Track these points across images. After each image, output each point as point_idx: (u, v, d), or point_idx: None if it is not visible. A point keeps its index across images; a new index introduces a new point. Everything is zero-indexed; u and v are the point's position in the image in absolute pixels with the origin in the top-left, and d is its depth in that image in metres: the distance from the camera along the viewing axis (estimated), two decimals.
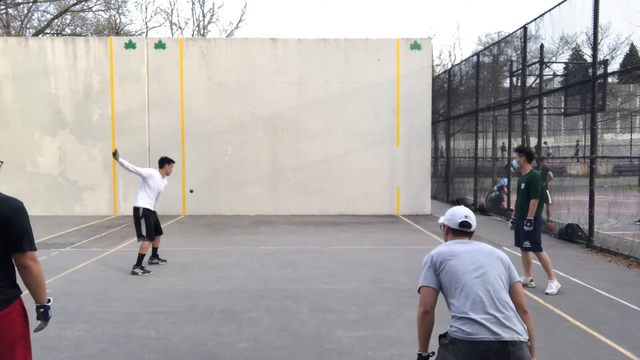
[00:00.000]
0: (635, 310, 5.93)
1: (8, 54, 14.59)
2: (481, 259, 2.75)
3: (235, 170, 14.71)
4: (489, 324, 2.55)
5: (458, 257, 2.76)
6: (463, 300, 2.64)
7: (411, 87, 14.77)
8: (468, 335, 2.55)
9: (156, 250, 8.28)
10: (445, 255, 2.79)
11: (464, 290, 2.66)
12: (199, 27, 31.66)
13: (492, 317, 2.57)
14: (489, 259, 2.77)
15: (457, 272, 2.71)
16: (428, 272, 2.80)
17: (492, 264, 2.74)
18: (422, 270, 2.84)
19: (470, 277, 2.67)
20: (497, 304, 2.62)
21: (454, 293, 2.70)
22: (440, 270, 2.76)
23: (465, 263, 2.72)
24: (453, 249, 2.83)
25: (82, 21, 29.00)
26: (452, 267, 2.73)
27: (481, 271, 2.69)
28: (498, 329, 2.54)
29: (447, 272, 2.73)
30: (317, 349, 4.76)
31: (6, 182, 14.72)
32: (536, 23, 12.22)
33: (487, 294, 2.64)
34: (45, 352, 4.68)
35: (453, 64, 31.47)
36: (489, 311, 2.59)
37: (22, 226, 2.70)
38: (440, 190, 19.50)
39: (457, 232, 2.99)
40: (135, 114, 14.66)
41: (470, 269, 2.70)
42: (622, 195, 12.21)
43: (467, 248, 2.83)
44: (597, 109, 9.62)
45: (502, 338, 2.52)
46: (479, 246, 2.86)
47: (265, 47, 14.80)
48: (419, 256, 9.04)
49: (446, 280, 2.73)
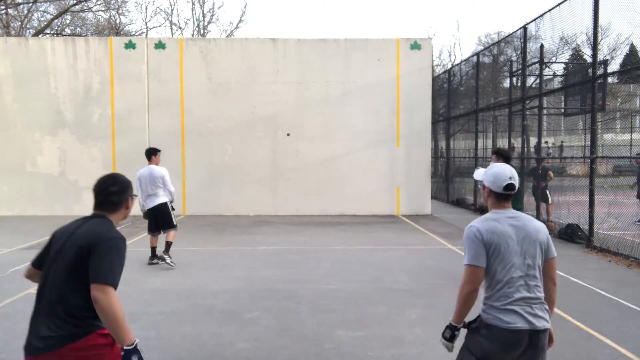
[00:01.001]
0: (635, 310, 5.93)
1: (8, 54, 14.59)
2: (528, 249, 2.69)
3: (235, 170, 14.71)
4: (525, 313, 2.62)
5: (508, 245, 2.67)
6: (505, 289, 2.65)
7: (411, 87, 14.76)
8: (507, 324, 2.61)
9: (155, 249, 8.27)
10: (495, 236, 2.67)
11: (507, 280, 2.66)
12: (199, 27, 31.68)
13: (528, 306, 2.64)
14: (534, 245, 2.71)
15: (505, 261, 2.66)
16: (478, 250, 2.68)
17: (536, 250, 2.71)
18: (469, 246, 2.70)
19: (516, 269, 2.66)
20: (533, 292, 2.67)
21: (496, 279, 2.68)
22: (491, 253, 2.67)
23: (514, 253, 2.67)
24: (503, 229, 2.69)
25: (82, 21, 29.02)
26: (502, 254, 2.67)
27: (527, 263, 2.68)
28: (532, 319, 2.62)
29: (495, 257, 2.67)
30: (317, 349, 4.76)
31: (6, 182, 14.74)
32: (536, 23, 12.22)
33: (527, 285, 2.67)
34: None
35: (453, 64, 31.48)
36: (527, 301, 2.64)
37: (102, 256, 2.51)
38: (440, 190, 19.50)
39: (501, 196, 2.81)
40: (135, 114, 14.66)
41: (518, 262, 2.67)
42: (622, 195, 12.22)
43: (515, 228, 2.71)
44: (597, 109, 9.62)
45: (535, 327, 2.62)
46: (524, 225, 2.73)
47: (265, 47, 14.80)
48: (419, 256, 9.06)
49: (493, 264, 2.68)
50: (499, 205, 2.81)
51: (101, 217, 2.73)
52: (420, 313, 5.80)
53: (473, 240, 2.70)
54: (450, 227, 12.57)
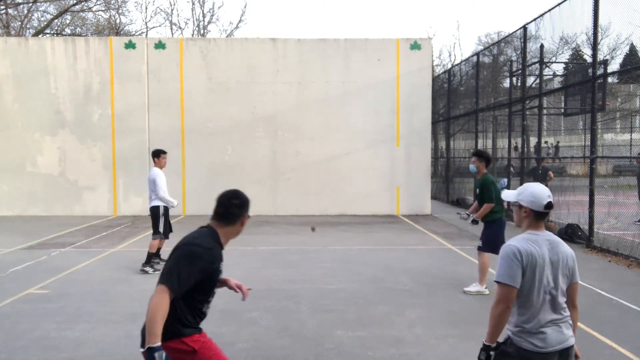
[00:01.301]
0: (635, 310, 5.93)
1: (8, 54, 14.59)
2: (558, 272, 2.72)
3: (235, 170, 14.70)
4: (554, 335, 2.68)
5: (543, 269, 2.68)
6: (536, 312, 2.69)
7: (411, 87, 14.76)
8: (539, 348, 2.66)
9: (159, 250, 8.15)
10: (533, 259, 2.67)
11: (538, 303, 2.69)
12: (199, 27, 31.67)
13: (557, 326, 2.70)
14: (564, 269, 2.74)
15: (538, 284, 2.68)
16: (516, 270, 2.67)
17: (564, 274, 2.75)
18: (507, 264, 2.68)
19: (547, 292, 2.69)
20: (560, 312, 2.72)
21: (529, 302, 2.69)
22: (527, 274, 2.67)
23: (547, 277, 2.69)
24: (541, 252, 2.70)
25: (82, 21, 29.01)
26: (537, 276, 2.68)
27: (557, 288, 2.71)
28: (561, 338, 2.69)
29: (530, 279, 2.68)
30: (317, 349, 4.76)
31: (6, 182, 14.74)
32: (536, 23, 12.22)
33: (555, 307, 2.71)
34: (45, 352, 4.68)
35: (453, 64, 31.47)
36: (555, 322, 2.70)
37: (173, 259, 2.71)
38: (440, 190, 19.50)
39: (541, 215, 2.80)
40: (135, 114, 14.66)
41: (550, 287, 2.70)
42: (622, 195, 12.22)
43: (551, 254, 2.72)
44: (597, 109, 9.62)
45: (564, 346, 2.68)
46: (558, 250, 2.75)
47: (265, 47, 14.80)
48: (419, 256, 9.06)
49: (526, 285, 2.68)
50: (537, 226, 2.80)
51: (208, 227, 2.91)
52: (420, 313, 5.80)
53: (512, 259, 2.67)
54: (450, 227, 12.57)
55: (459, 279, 7.38)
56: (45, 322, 5.48)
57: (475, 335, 5.10)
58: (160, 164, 8.01)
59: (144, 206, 14.71)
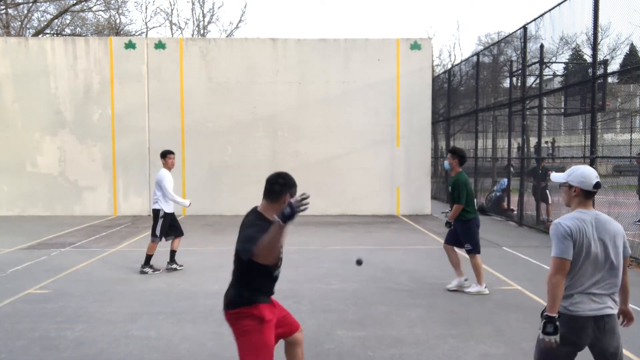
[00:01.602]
0: (635, 310, 5.92)
1: (8, 54, 14.59)
2: (607, 242, 2.99)
3: (235, 170, 14.70)
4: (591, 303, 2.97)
5: (590, 243, 2.96)
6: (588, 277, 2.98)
7: (411, 87, 14.76)
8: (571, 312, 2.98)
9: (174, 253, 7.96)
10: (583, 235, 2.96)
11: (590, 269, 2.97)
12: (199, 27, 31.66)
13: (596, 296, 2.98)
14: (612, 240, 3.01)
15: (589, 250, 2.96)
16: (567, 244, 2.96)
17: (612, 246, 3.01)
18: (559, 240, 2.98)
19: (598, 258, 2.97)
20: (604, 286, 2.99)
21: (578, 268, 2.98)
22: (578, 249, 2.95)
23: (595, 250, 2.97)
24: (588, 228, 2.99)
25: (82, 21, 29.01)
26: (586, 250, 2.96)
27: (608, 262, 2.98)
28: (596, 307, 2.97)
29: (582, 255, 2.96)
30: (317, 349, 4.75)
31: (6, 182, 14.75)
32: (536, 23, 12.22)
33: (611, 273, 3.00)
34: (45, 352, 4.68)
35: (453, 64, 31.47)
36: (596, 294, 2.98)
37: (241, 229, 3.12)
38: (440, 190, 19.49)
39: (590, 194, 3.09)
40: (135, 114, 14.66)
41: (601, 260, 2.97)
42: (622, 195, 12.22)
43: (599, 224, 3.01)
44: (597, 109, 9.61)
45: (599, 314, 2.97)
46: (605, 222, 3.03)
47: (265, 47, 14.80)
48: (419, 256, 9.06)
49: (579, 259, 2.96)
50: (585, 205, 3.09)
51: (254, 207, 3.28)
52: (420, 313, 5.80)
53: (563, 235, 2.97)
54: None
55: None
56: (45, 322, 5.48)
57: (475, 335, 5.10)
58: (167, 164, 7.83)
59: (143, 206, 14.72)
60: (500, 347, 4.78)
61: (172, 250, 7.88)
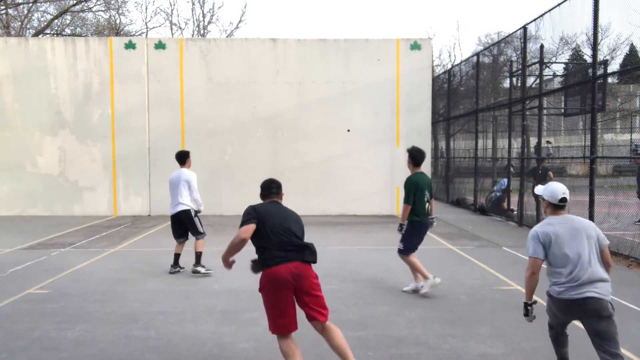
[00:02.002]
0: (635, 310, 5.93)
1: (8, 54, 14.59)
2: (578, 244, 3.66)
3: (235, 170, 14.70)
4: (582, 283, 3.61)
5: (561, 241, 3.68)
6: (565, 273, 3.66)
7: (411, 87, 14.76)
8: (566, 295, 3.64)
9: (179, 257, 7.88)
10: (551, 237, 3.69)
11: (565, 267, 3.66)
12: (199, 27, 31.66)
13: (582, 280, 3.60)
14: (583, 241, 3.67)
15: (561, 253, 3.67)
16: (537, 246, 3.73)
17: (585, 244, 3.67)
18: (530, 243, 3.77)
19: (570, 259, 3.65)
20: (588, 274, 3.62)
21: (557, 267, 3.70)
22: (549, 248, 3.70)
23: (567, 247, 3.67)
24: (556, 230, 3.71)
25: (82, 21, 29.02)
26: (557, 246, 3.68)
27: (578, 254, 3.65)
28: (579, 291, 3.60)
29: (553, 252, 3.69)
30: (317, 349, 4.76)
31: (6, 182, 14.74)
32: (536, 23, 12.21)
33: (582, 268, 3.63)
34: (45, 352, 4.68)
35: (453, 64, 31.48)
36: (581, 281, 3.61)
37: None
38: (440, 190, 19.49)
39: (557, 207, 3.83)
40: (135, 114, 14.66)
41: (571, 253, 3.65)
42: (622, 195, 12.22)
43: (567, 230, 3.71)
44: (597, 109, 9.60)
45: (582, 296, 3.59)
46: (573, 226, 3.72)
47: (265, 47, 14.80)
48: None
49: (552, 257, 3.71)
50: (555, 213, 3.85)
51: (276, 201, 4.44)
52: (420, 313, 5.80)
53: (535, 239, 3.76)
54: (450, 227, 12.57)
55: (459, 279, 7.38)
56: (45, 322, 5.48)
57: (475, 335, 5.10)
58: (190, 164, 7.99)
59: (143, 206, 14.73)
60: (500, 347, 4.78)
61: (176, 253, 7.84)
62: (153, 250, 9.64)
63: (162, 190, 14.64)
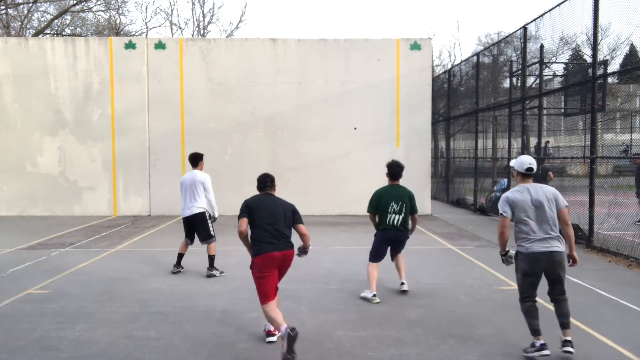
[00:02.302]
0: (635, 310, 5.93)
1: (8, 54, 14.59)
2: (541, 203, 4.45)
3: (235, 170, 14.69)
4: (541, 244, 4.41)
5: (525, 201, 4.48)
6: (528, 230, 4.46)
7: (411, 87, 14.75)
8: (531, 249, 4.44)
9: (182, 257, 7.85)
10: (517, 198, 4.51)
11: (529, 222, 4.46)
12: (199, 27, 31.67)
13: (545, 239, 4.42)
14: (545, 201, 4.47)
15: (525, 211, 4.47)
16: (506, 207, 4.55)
17: (546, 204, 4.46)
18: (501, 205, 4.57)
19: (532, 214, 4.46)
20: (549, 229, 4.43)
21: (522, 223, 4.48)
22: (514, 208, 4.50)
23: (531, 205, 4.47)
24: (523, 193, 4.52)
25: (82, 21, 29.02)
26: (522, 207, 4.47)
27: (539, 209, 4.45)
28: (546, 246, 4.41)
29: (518, 211, 4.49)
30: (317, 349, 4.76)
31: (6, 182, 14.75)
32: (536, 23, 12.22)
33: (542, 224, 4.44)
34: (45, 352, 4.68)
35: (453, 64, 31.48)
36: (544, 235, 4.42)
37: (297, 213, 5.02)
38: (440, 190, 19.49)
39: (524, 175, 4.62)
40: (135, 114, 14.66)
41: (533, 210, 4.46)
42: (622, 195, 12.21)
43: (532, 192, 4.50)
44: (597, 109, 9.61)
45: (548, 250, 4.40)
46: (538, 190, 4.54)
47: (265, 47, 14.80)
48: (419, 256, 9.07)
49: (517, 214, 4.50)
50: (524, 181, 4.63)
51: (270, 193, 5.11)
52: (420, 313, 5.80)
53: (504, 201, 4.57)
54: (450, 227, 12.57)
55: (459, 279, 7.38)
56: (45, 322, 5.48)
57: (475, 335, 5.10)
58: (202, 166, 7.86)
59: (143, 206, 14.73)
60: (500, 347, 4.78)
61: (180, 253, 7.83)
62: (153, 250, 9.64)
63: (162, 191, 14.66)
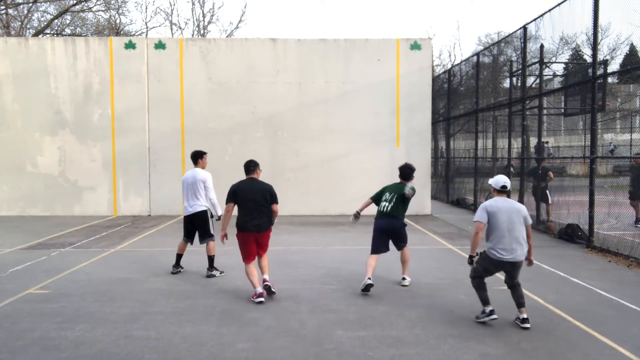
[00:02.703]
0: (635, 310, 5.93)
1: (8, 54, 14.59)
2: (512, 216, 5.26)
3: (235, 170, 14.54)
4: (509, 250, 5.24)
5: (500, 212, 5.27)
6: (499, 237, 5.25)
7: (411, 87, 14.75)
8: (499, 256, 5.27)
9: (181, 257, 7.86)
10: (494, 209, 5.30)
11: (500, 231, 5.25)
12: (199, 27, 31.67)
13: (510, 248, 5.24)
14: (515, 215, 5.28)
15: (498, 220, 5.26)
16: (483, 214, 5.33)
17: (516, 218, 5.27)
18: (479, 211, 5.36)
19: (504, 226, 5.24)
20: (515, 240, 5.24)
21: (494, 231, 5.28)
22: (490, 216, 5.28)
23: (503, 216, 5.26)
24: (498, 205, 5.33)
25: (82, 21, 29.04)
26: (496, 217, 5.27)
27: (510, 223, 5.25)
28: (512, 254, 5.24)
29: (493, 219, 5.27)
30: (317, 349, 4.76)
31: (6, 182, 14.75)
32: (536, 23, 12.21)
33: (511, 235, 5.23)
34: (45, 352, 4.68)
35: (453, 64, 31.48)
36: (511, 245, 5.23)
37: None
38: (440, 190, 19.50)
39: (499, 191, 5.46)
40: (135, 114, 14.66)
41: (505, 220, 5.25)
42: (622, 195, 12.21)
43: (505, 206, 5.31)
44: (597, 109, 9.60)
45: (513, 259, 5.26)
46: (511, 205, 5.35)
47: (265, 47, 14.80)
48: (419, 256, 9.07)
49: (492, 223, 5.28)
50: (500, 195, 5.47)
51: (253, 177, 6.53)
52: (420, 313, 5.80)
53: (482, 209, 5.36)
54: (450, 227, 12.57)
55: (459, 279, 7.38)
56: (45, 322, 5.48)
57: (475, 335, 5.10)
58: (203, 164, 7.87)
59: (143, 206, 14.72)
60: (500, 347, 4.78)
61: (178, 253, 7.82)
62: (153, 250, 9.65)
63: (162, 191, 14.66)
